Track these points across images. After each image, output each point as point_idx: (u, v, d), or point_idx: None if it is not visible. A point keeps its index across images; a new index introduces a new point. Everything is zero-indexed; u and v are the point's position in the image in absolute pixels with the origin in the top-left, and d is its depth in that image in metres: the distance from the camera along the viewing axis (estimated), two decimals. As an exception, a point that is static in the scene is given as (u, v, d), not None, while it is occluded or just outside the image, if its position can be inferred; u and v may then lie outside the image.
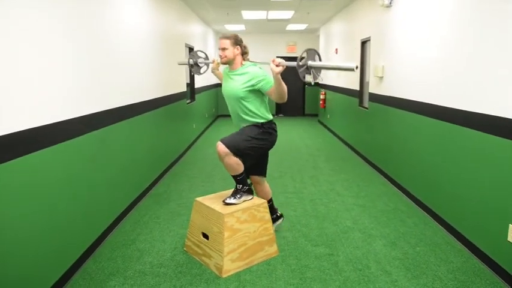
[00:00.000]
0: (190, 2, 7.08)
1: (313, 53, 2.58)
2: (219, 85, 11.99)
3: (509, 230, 2.61)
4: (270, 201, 3.34)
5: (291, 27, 10.70)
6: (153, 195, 4.49)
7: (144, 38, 4.58)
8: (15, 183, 2.16)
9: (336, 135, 8.52)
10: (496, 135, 2.76)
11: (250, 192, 3.06)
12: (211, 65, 3.55)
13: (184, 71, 6.96)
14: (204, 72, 3.82)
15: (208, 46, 10.26)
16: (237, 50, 3.02)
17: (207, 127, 9.74)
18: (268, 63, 2.67)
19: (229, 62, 3.05)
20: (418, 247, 3.17)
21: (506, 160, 2.65)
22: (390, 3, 4.92)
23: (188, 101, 7.41)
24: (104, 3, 3.41)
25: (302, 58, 2.56)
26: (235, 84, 3.01)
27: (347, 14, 7.59)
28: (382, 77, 5.30)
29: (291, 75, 14.11)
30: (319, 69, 2.59)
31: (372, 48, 5.88)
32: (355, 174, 5.38)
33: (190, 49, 7.78)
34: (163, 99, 5.36)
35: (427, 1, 3.95)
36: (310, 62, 2.56)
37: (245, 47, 3.08)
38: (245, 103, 2.99)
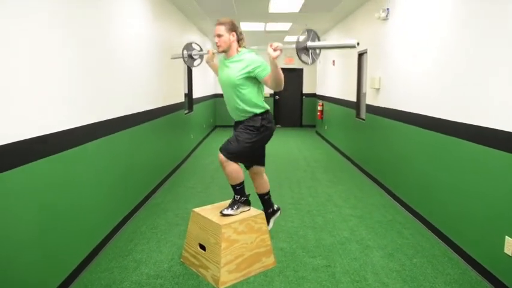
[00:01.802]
0: (189, 14, 7.15)
1: (312, 34, 2.52)
2: (216, 95, 12.04)
3: (505, 242, 2.62)
4: (267, 194, 3.34)
5: (288, 38, 10.79)
6: (151, 206, 4.49)
7: (144, 49, 4.61)
8: (15, 192, 2.16)
9: (333, 146, 8.54)
10: (493, 147, 2.78)
11: (247, 203, 3.06)
12: (205, 57, 3.46)
13: (182, 82, 7.00)
14: (198, 65, 3.72)
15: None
16: (233, 37, 2.93)
17: (205, 137, 9.75)
18: (265, 49, 2.61)
19: (225, 50, 2.98)
20: (415, 259, 3.17)
21: (502, 172, 2.67)
22: (387, 16, 4.99)
23: (186, 111, 7.43)
24: (106, 14, 3.45)
25: (303, 39, 2.50)
26: (232, 72, 2.94)
27: (344, 27, 7.68)
28: (379, 88, 5.34)
29: (288, 84, 14.13)
30: (318, 49, 2.53)
31: (368, 60, 5.93)
32: (352, 185, 5.39)
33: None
34: (162, 110, 5.38)
35: (423, 14, 4.01)
36: (309, 43, 2.49)
37: (241, 33, 3.01)
38: (241, 91, 2.92)
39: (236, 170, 2.94)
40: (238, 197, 3.00)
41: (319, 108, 10.23)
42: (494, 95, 2.77)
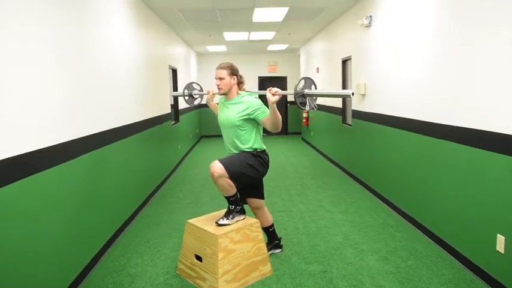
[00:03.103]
0: (173, 25, 7.15)
1: (309, 81, 2.67)
2: (201, 106, 12.03)
3: (497, 240, 2.68)
4: (272, 227, 3.37)
5: (272, 47, 10.89)
6: (142, 218, 4.43)
7: (130, 61, 4.59)
8: (13, 209, 2.11)
9: (320, 153, 8.61)
10: (480, 148, 2.85)
11: (242, 212, 3.06)
12: (205, 96, 3.60)
13: (168, 92, 6.97)
14: (198, 103, 3.94)
15: (191, 68, 10.32)
16: (234, 80, 3.06)
17: (192, 148, 9.70)
18: (265, 93, 2.74)
19: (226, 92, 3.08)
20: (409, 261, 3.21)
21: (492, 172, 2.74)
22: (369, 23, 5.09)
23: (173, 122, 7.40)
24: (91, 26, 3.43)
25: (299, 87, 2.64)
26: (231, 113, 3.04)
27: (327, 34, 7.79)
28: (365, 94, 5.43)
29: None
30: (315, 96, 2.66)
31: (353, 66, 6.03)
32: (342, 191, 5.43)
33: (174, 71, 7.82)
34: (150, 121, 5.35)
35: (405, 21, 4.11)
36: (306, 90, 2.64)
37: (241, 77, 3.14)
38: (241, 132, 3.02)
39: (228, 183, 2.91)
40: (233, 206, 2.99)
41: (304, 115, 10.31)
42: (478, 96, 2.85)
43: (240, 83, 3.13)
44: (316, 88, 2.71)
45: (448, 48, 3.26)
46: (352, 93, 2.41)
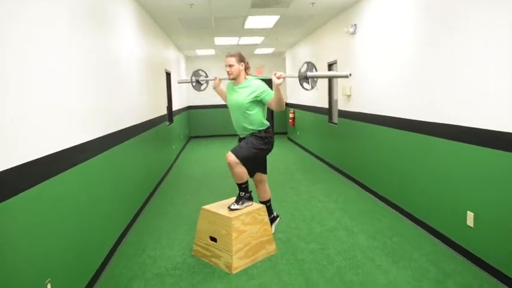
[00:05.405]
0: (169, 31, 7.53)
1: (310, 65, 3.11)
2: (190, 107, 12.40)
3: (467, 216, 3.19)
4: (268, 202, 3.80)
5: (258, 51, 11.34)
6: (150, 210, 4.81)
7: (135, 65, 4.97)
8: (41, 207, 2.34)
9: (306, 150, 9.10)
10: (449, 139, 3.37)
11: (250, 199, 3.49)
12: (211, 83, 3.96)
13: (165, 95, 7.34)
14: (204, 89, 4.28)
15: (181, 71, 10.68)
16: (241, 66, 3.49)
17: (183, 148, 10.07)
18: (270, 78, 3.15)
19: (235, 77, 3.49)
20: (394, 238, 3.70)
21: (460, 158, 3.26)
22: (354, 31, 5.60)
23: (168, 123, 7.76)
24: (104, 36, 3.81)
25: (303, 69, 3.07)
26: (241, 96, 3.46)
27: (313, 39, 8.30)
28: (350, 95, 5.93)
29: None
30: (316, 78, 3.10)
31: (339, 69, 6.53)
32: (331, 184, 5.92)
33: (168, 74, 8.18)
34: (151, 122, 5.72)
35: (386, 29, 4.63)
36: (309, 73, 3.07)
37: (247, 63, 3.56)
38: (249, 112, 3.44)
39: (243, 171, 3.39)
40: (243, 193, 3.42)
41: (290, 115, 10.79)
42: (444, 95, 3.37)
43: (246, 68, 3.55)
44: (316, 70, 3.13)
45: (424, 55, 3.78)
46: (350, 74, 2.82)
